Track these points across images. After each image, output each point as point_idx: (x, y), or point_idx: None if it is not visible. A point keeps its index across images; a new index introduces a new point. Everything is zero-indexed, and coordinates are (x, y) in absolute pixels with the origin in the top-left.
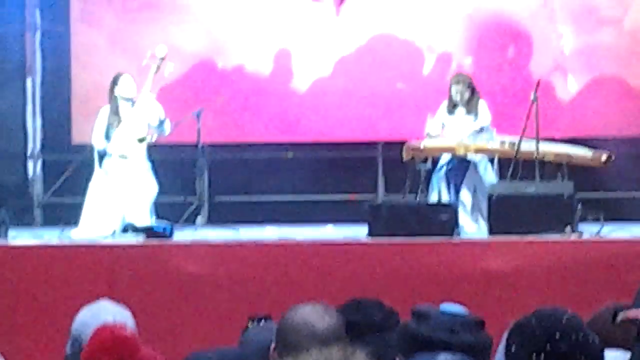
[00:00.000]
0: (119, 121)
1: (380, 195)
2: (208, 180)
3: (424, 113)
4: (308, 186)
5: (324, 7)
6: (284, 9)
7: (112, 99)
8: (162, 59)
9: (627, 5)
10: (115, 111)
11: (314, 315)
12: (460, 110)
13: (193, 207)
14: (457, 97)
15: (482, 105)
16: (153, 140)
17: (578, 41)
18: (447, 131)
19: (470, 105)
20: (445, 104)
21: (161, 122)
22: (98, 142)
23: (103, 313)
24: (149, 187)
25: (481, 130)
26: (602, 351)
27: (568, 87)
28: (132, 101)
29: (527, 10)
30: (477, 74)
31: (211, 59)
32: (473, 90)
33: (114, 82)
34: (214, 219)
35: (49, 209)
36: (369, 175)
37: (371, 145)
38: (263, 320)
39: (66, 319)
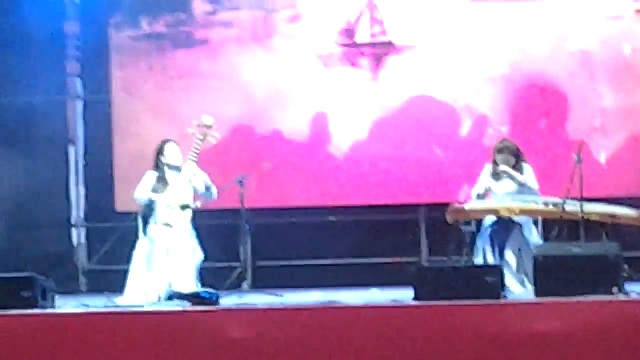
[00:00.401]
0: (166, 187)
1: (424, 257)
2: (252, 246)
3: (463, 175)
4: (351, 250)
5: (362, 72)
6: (320, 73)
7: (158, 166)
8: (209, 127)
9: None
10: (161, 178)
11: None
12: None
13: (237, 272)
14: (503, 167)
15: (528, 170)
16: (198, 206)
17: (617, 100)
18: (494, 195)
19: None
20: (489, 167)
21: (207, 189)
22: (143, 194)
23: None
24: (195, 254)
25: (522, 186)
26: None
27: (605, 146)
28: (178, 169)
29: (565, 70)
30: (514, 135)
31: (250, 125)
32: (518, 157)
33: (160, 150)
34: (259, 285)
35: (94, 277)
36: (412, 238)
37: (413, 207)
38: None
39: None
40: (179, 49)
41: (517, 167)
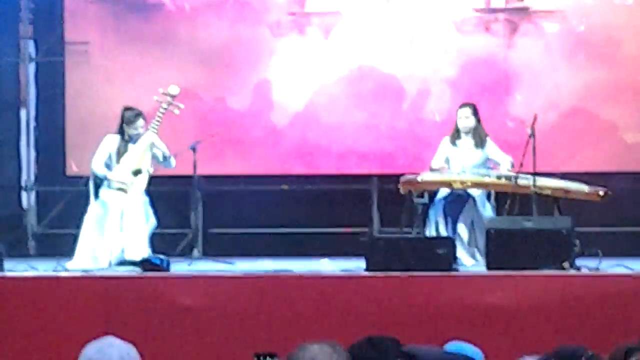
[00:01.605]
0: (123, 154)
1: (375, 228)
2: (203, 213)
3: (417, 146)
4: (302, 219)
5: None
6: (269, 41)
7: (120, 132)
8: (174, 96)
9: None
10: (121, 145)
11: (323, 354)
12: (466, 141)
13: (188, 239)
14: (461, 123)
15: (490, 142)
16: (150, 172)
17: (570, 77)
18: (453, 164)
19: (476, 135)
20: (446, 138)
21: (165, 158)
22: (99, 168)
23: (109, 350)
24: (148, 220)
25: (508, 172)
26: None
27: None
28: (137, 137)
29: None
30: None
31: (195, 92)
32: (478, 120)
33: (128, 121)
34: (209, 252)
35: (43, 241)
36: (363, 208)
37: (365, 177)
38: (269, 358)
39: (62, 351)
40: (133, 14)
41: (477, 130)
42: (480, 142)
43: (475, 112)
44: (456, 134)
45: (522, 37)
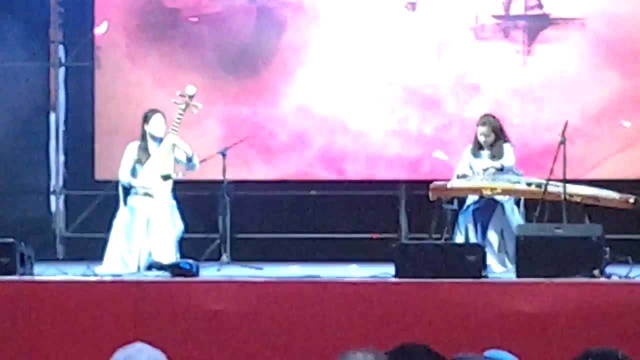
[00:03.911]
0: (147, 158)
1: (404, 234)
2: (231, 218)
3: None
4: (330, 225)
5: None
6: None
7: (142, 135)
8: (191, 97)
9: None
10: (144, 148)
11: None
12: (485, 153)
13: (216, 244)
14: (481, 139)
15: (507, 148)
16: (180, 177)
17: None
18: (474, 173)
19: (495, 149)
20: (469, 147)
21: (189, 159)
22: (124, 177)
23: (138, 355)
24: (175, 225)
25: (502, 169)
26: None
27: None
28: (160, 139)
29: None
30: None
31: (222, 97)
32: (498, 134)
33: (145, 119)
34: (238, 257)
35: (71, 244)
36: (392, 214)
37: (393, 183)
38: None
39: (91, 356)
40: (161, 19)
41: (495, 144)
42: (499, 155)
43: (494, 128)
44: (477, 146)
45: (542, 43)
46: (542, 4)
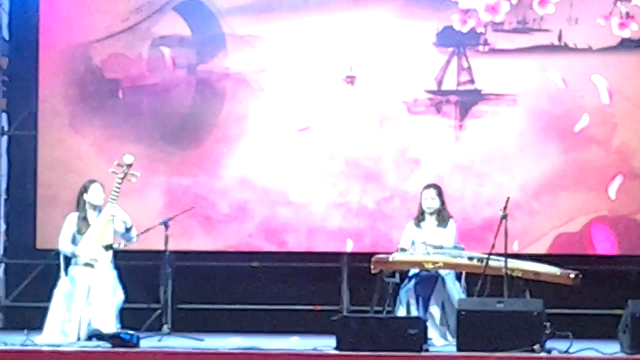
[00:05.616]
0: (87, 227)
1: (346, 306)
2: (172, 288)
3: (389, 225)
4: (272, 296)
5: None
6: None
7: (81, 205)
8: (129, 165)
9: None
10: (83, 218)
11: None
12: (429, 221)
13: (157, 314)
14: (426, 204)
15: (451, 224)
16: (122, 247)
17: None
18: (417, 246)
19: (440, 217)
20: (412, 222)
21: (127, 230)
22: (65, 246)
23: None
24: (115, 294)
25: (441, 248)
26: None
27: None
28: (100, 209)
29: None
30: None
31: (162, 167)
32: (443, 201)
33: (84, 189)
34: (179, 327)
35: (11, 313)
36: (333, 286)
37: (336, 255)
38: None
39: None
40: (103, 89)
41: (442, 212)
42: (443, 222)
43: (440, 194)
44: (421, 216)
45: (475, 118)
46: (474, 79)
